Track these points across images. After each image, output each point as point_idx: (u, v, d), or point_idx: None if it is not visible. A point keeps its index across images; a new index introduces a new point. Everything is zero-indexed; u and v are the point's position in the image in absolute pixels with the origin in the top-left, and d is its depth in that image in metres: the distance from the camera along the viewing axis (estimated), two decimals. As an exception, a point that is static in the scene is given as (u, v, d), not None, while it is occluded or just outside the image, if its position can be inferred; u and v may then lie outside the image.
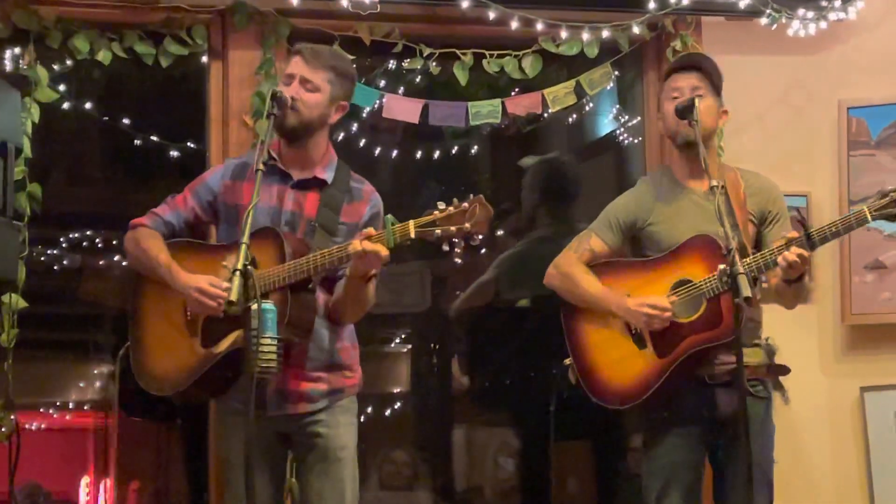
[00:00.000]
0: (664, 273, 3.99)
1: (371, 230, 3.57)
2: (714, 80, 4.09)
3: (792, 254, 3.71)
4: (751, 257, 3.82)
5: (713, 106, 4.05)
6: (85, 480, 6.22)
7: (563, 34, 4.84)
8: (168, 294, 3.82)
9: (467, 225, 3.47)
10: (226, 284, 3.68)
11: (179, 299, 3.80)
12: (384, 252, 3.53)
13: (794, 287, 3.88)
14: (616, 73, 5.03)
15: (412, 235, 3.51)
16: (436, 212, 3.50)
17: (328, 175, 3.90)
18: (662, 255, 4.03)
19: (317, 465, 3.85)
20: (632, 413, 4.17)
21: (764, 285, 4.00)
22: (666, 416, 4.00)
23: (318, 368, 3.84)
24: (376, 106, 4.80)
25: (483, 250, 5.73)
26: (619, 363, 4.01)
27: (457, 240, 3.49)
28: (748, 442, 3.48)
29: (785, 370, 4.07)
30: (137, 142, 5.07)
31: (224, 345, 3.71)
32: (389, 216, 3.61)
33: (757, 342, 4.04)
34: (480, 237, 3.51)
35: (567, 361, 4.11)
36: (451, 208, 3.49)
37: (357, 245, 3.54)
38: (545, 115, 5.00)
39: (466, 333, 5.79)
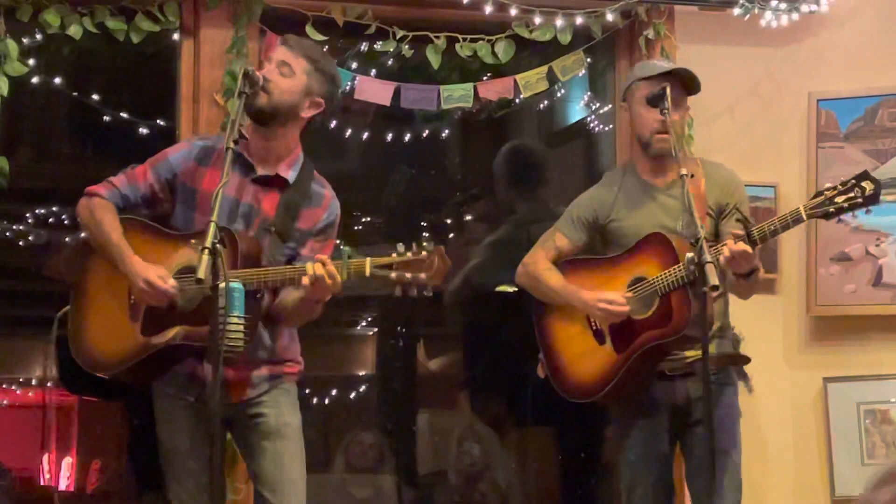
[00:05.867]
0: (623, 270, 4.03)
1: (327, 257, 3.50)
2: (690, 90, 4.11)
3: (727, 249, 3.70)
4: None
5: (685, 114, 4.08)
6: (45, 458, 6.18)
7: (537, 20, 4.84)
8: (116, 272, 3.74)
9: (423, 275, 3.40)
10: (173, 282, 3.63)
11: (126, 280, 3.71)
12: (337, 282, 3.46)
13: (747, 280, 3.88)
14: (588, 60, 5.03)
15: (367, 274, 3.44)
16: (394, 254, 3.43)
17: (291, 175, 3.83)
18: (621, 254, 4.07)
19: (260, 442, 3.80)
20: (600, 404, 4.20)
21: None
22: (631, 409, 4.06)
23: (261, 364, 3.80)
24: (348, 88, 4.79)
25: (451, 234, 5.73)
26: (581, 358, 4.08)
27: (411, 288, 3.42)
28: (711, 429, 3.52)
29: (744, 359, 4.10)
30: (107, 118, 5.03)
31: (164, 338, 3.64)
32: (347, 248, 3.53)
33: (713, 334, 4.06)
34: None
35: (540, 356, 4.18)
36: (409, 254, 3.42)
37: (310, 270, 3.47)
38: (517, 100, 5.00)
39: (448, 318, 5.78)
